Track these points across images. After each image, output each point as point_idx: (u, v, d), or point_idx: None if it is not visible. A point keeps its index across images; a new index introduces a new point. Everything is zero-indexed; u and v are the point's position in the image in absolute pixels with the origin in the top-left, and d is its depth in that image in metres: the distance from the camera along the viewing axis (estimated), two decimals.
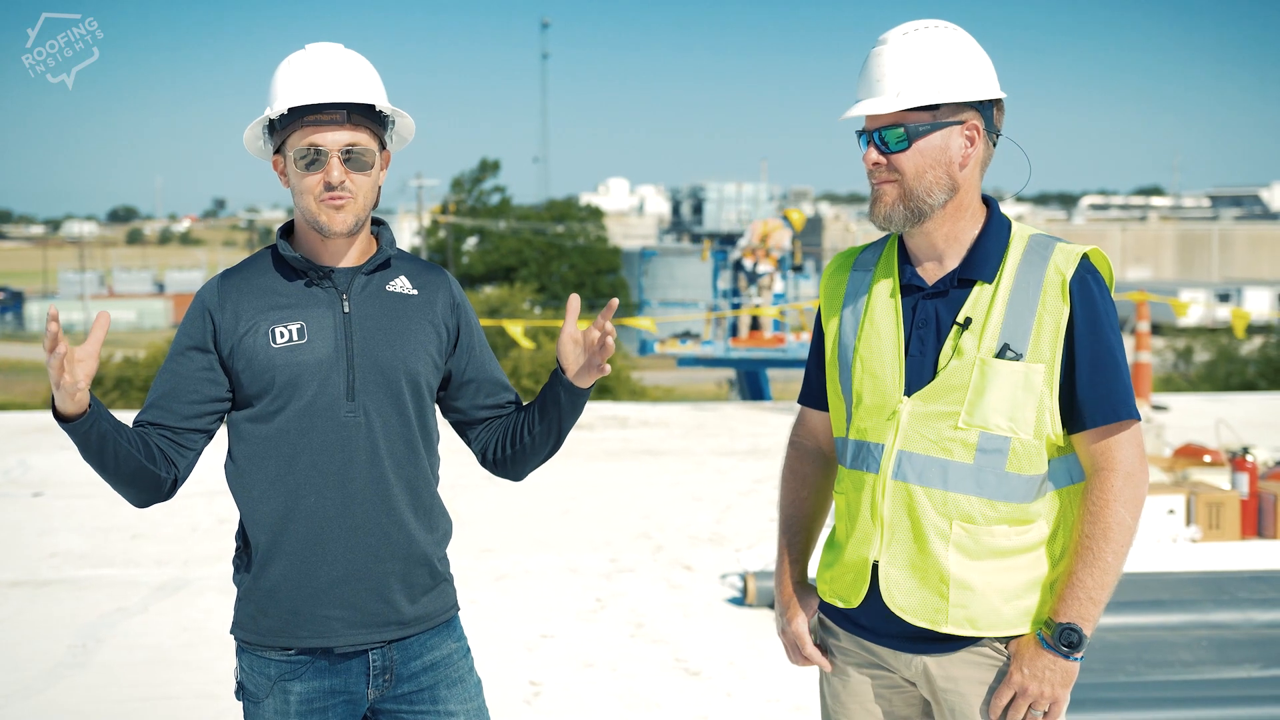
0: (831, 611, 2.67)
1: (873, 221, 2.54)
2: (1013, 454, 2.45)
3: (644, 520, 9.19)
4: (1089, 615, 2.44)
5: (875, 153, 2.49)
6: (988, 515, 2.47)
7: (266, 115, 2.54)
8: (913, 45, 2.48)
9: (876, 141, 2.49)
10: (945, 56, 2.48)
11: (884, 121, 2.48)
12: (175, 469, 2.58)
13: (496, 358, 2.86)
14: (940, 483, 2.47)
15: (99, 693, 5.63)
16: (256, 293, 2.58)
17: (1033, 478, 2.48)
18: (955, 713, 2.54)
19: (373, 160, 2.55)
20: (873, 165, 2.50)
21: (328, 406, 2.54)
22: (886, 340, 2.55)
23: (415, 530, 2.62)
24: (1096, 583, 2.44)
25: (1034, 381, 2.45)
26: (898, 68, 2.47)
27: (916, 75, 2.47)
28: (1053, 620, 2.45)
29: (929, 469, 2.48)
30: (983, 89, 2.49)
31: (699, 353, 16.30)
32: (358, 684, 2.61)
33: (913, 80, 2.46)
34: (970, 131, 2.50)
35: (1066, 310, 2.45)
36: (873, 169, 2.50)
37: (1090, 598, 2.44)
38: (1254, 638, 5.95)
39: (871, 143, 2.50)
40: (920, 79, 2.46)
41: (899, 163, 2.48)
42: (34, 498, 9.96)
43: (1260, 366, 35.15)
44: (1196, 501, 7.74)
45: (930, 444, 2.47)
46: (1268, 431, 12.46)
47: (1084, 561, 2.44)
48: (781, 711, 5.41)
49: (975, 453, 2.45)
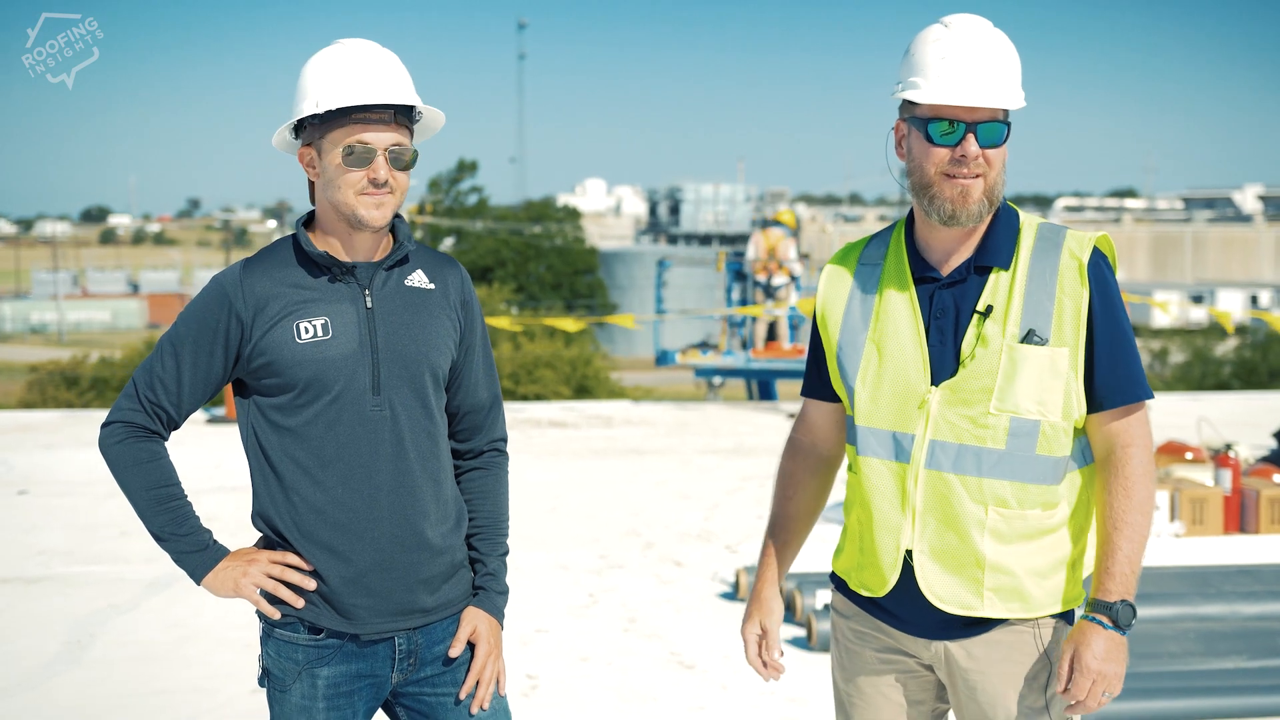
0: (856, 598, 2.71)
1: (954, 217, 2.52)
2: (1042, 437, 2.51)
3: (632, 518, 9.22)
4: (1134, 588, 2.51)
5: (975, 144, 2.50)
6: (1021, 499, 2.53)
7: (307, 109, 2.56)
8: (1000, 41, 2.53)
9: (977, 133, 2.50)
10: (1017, 58, 2.56)
11: (984, 115, 2.50)
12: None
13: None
14: (974, 469, 2.52)
15: (92, 689, 5.63)
16: (279, 286, 2.60)
17: (1060, 459, 2.54)
18: (976, 691, 2.58)
19: (412, 160, 2.61)
20: (974, 157, 2.49)
21: (354, 401, 2.58)
22: (905, 331, 2.59)
23: (438, 521, 2.66)
24: (1138, 553, 2.51)
25: (1059, 365, 2.51)
26: (997, 62, 2.51)
27: (1011, 73, 2.53)
28: (1105, 600, 2.50)
29: (963, 456, 2.52)
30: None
31: (720, 363, 16.17)
32: (383, 668, 2.65)
33: (1011, 77, 2.52)
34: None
35: (1086, 294, 2.51)
36: (973, 161, 2.50)
37: (1134, 570, 2.51)
38: (1240, 630, 6.03)
39: (971, 133, 2.50)
40: (1014, 78, 2.53)
41: (992, 157, 2.52)
42: (19, 495, 9.92)
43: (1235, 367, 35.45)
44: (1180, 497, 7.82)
45: (962, 431, 2.52)
46: (1247, 429, 12.58)
47: (1125, 536, 2.50)
48: (777, 703, 5.45)
49: (1007, 437, 2.50)
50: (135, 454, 2.61)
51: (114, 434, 2.63)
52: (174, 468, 2.66)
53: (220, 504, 9.06)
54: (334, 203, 2.59)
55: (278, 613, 2.60)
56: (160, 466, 2.63)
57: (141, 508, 2.62)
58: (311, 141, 2.60)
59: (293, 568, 2.59)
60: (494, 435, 2.83)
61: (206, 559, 2.62)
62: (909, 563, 2.58)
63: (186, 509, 2.64)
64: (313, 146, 2.60)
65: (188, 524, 2.62)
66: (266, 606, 2.60)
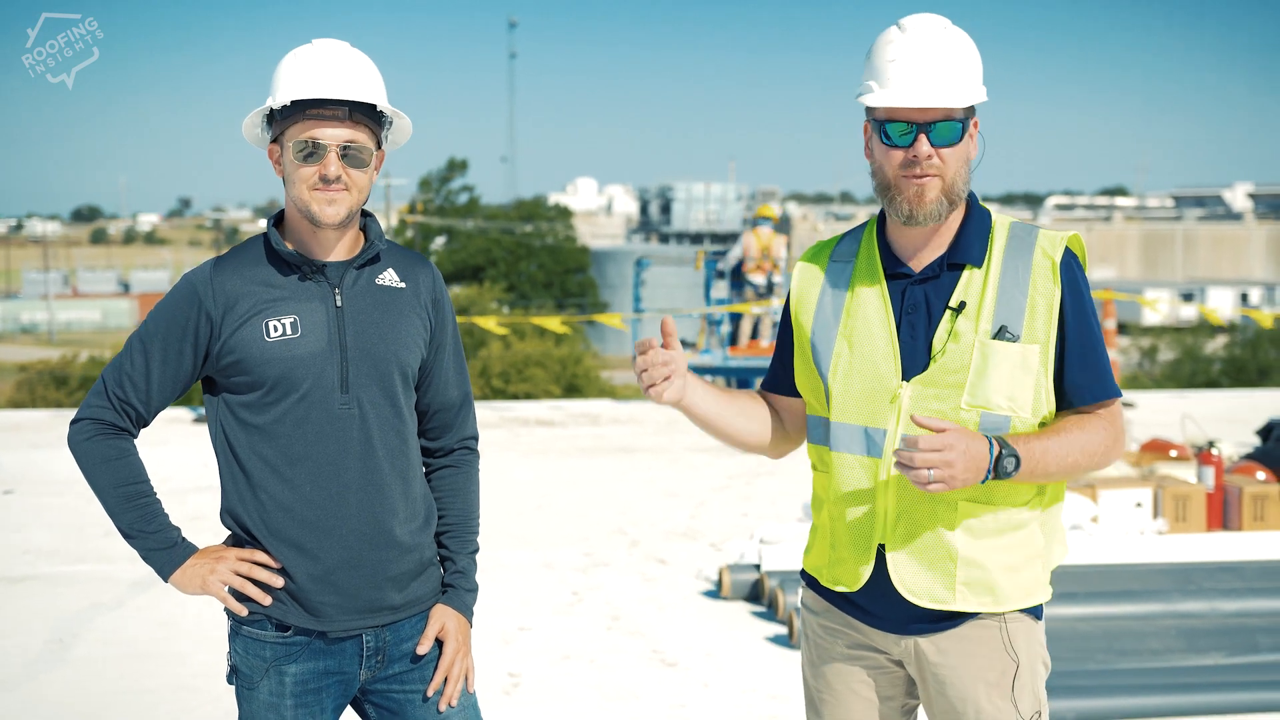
0: (827, 594, 2.72)
1: (912, 217, 2.54)
2: (1012, 432, 2.52)
3: (619, 516, 9.23)
4: (1035, 464, 2.45)
5: (928, 144, 2.51)
6: (991, 494, 2.54)
7: (269, 105, 2.58)
8: (954, 40, 2.54)
9: (930, 134, 2.51)
10: (975, 55, 2.57)
11: (937, 115, 2.51)
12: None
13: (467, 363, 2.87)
14: None
15: (78, 687, 5.63)
16: (248, 284, 2.60)
17: None
18: (945, 685, 2.60)
19: (369, 158, 2.60)
20: (925, 158, 2.51)
21: (322, 399, 2.59)
22: (877, 327, 2.60)
23: (406, 518, 2.67)
24: (1058, 451, 2.47)
25: (1030, 362, 2.53)
26: (950, 62, 2.51)
27: (966, 71, 2.53)
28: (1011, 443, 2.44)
29: None
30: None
31: (697, 361, 16.20)
32: (351, 665, 2.65)
33: (965, 76, 2.53)
34: (975, 130, 2.59)
35: (1058, 292, 2.54)
36: (925, 161, 2.51)
37: (1046, 453, 2.46)
38: (1221, 626, 6.06)
39: (924, 134, 2.51)
40: (969, 76, 2.54)
41: (947, 156, 2.53)
42: (5, 495, 9.91)
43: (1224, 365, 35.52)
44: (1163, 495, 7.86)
45: None
46: (1232, 427, 12.63)
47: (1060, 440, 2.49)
48: (757, 701, 5.47)
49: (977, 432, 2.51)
50: (104, 451, 2.62)
51: (83, 431, 2.63)
52: (143, 465, 2.66)
53: (205, 502, 9.04)
54: (291, 199, 2.60)
55: (245, 610, 2.61)
56: (129, 464, 2.63)
57: (110, 505, 2.62)
58: (276, 138, 2.61)
59: (260, 565, 2.59)
60: (464, 433, 2.84)
61: (174, 556, 2.62)
62: (881, 557, 2.59)
63: (155, 506, 2.64)
64: (277, 143, 2.61)
65: (155, 521, 2.63)
66: (234, 603, 2.60)
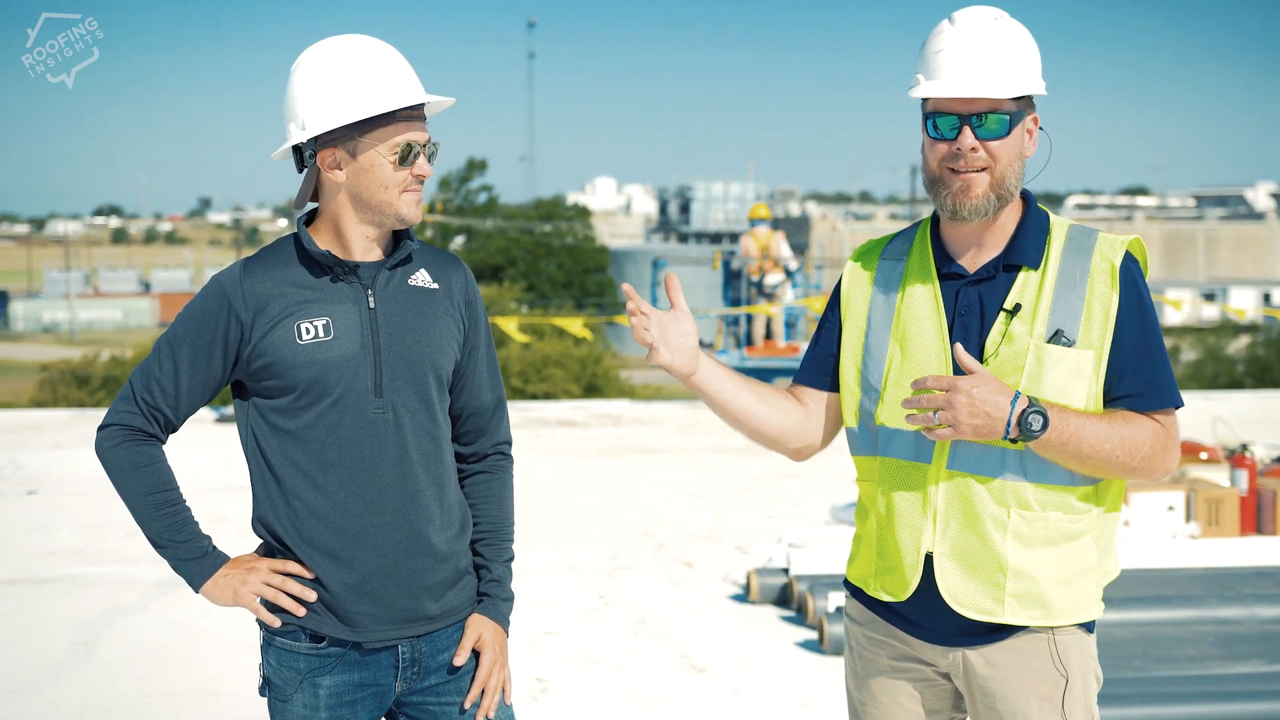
0: (873, 604, 2.65)
1: (956, 212, 2.48)
2: None
3: (642, 517, 9.17)
4: (1067, 435, 2.37)
5: (972, 137, 2.45)
6: (1043, 501, 2.47)
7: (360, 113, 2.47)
8: (1004, 31, 2.47)
9: (975, 126, 2.45)
10: (1030, 47, 2.50)
11: (983, 106, 2.45)
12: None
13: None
14: (997, 470, 2.46)
15: (100, 689, 5.60)
16: (280, 286, 2.54)
17: None
18: (994, 699, 2.52)
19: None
20: (970, 150, 2.45)
21: (355, 403, 2.52)
22: (929, 329, 2.53)
23: (442, 526, 2.60)
24: (1094, 432, 2.39)
25: (1084, 368, 2.45)
26: (997, 53, 2.45)
27: (1016, 63, 2.46)
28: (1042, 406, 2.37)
29: (985, 457, 2.46)
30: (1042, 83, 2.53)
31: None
32: (386, 677, 2.59)
33: (1014, 67, 2.46)
34: (1032, 125, 2.52)
35: (1116, 297, 2.46)
36: (970, 154, 2.45)
37: (1081, 428, 2.38)
38: (1258, 633, 5.96)
39: (968, 126, 2.45)
40: (1018, 67, 2.46)
41: (995, 150, 2.46)
42: (28, 495, 9.90)
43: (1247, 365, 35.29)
44: (1196, 498, 7.75)
45: None
46: (1261, 428, 12.50)
47: (1100, 416, 2.41)
48: (788, 707, 5.40)
49: None
50: (133, 458, 2.56)
51: (111, 437, 2.57)
52: (172, 472, 2.60)
53: (228, 503, 9.03)
54: (376, 203, 2.53)
55: (278, 621, 2.55)
56: (158, 471, 2.57)
57: (139, 513, 2.56)
58: (337, 143, 2.52)
59: (293, 577, 2.53)
60: (498, 438, 2.77)
61: (205, 566, 2.56)
62: (929, 567, 2.52)
63: (185, 515, 2.58)
64: (339, 148, 2.52)
65: (186, 530, 2.57)
66: (267, 615, 2.54)
